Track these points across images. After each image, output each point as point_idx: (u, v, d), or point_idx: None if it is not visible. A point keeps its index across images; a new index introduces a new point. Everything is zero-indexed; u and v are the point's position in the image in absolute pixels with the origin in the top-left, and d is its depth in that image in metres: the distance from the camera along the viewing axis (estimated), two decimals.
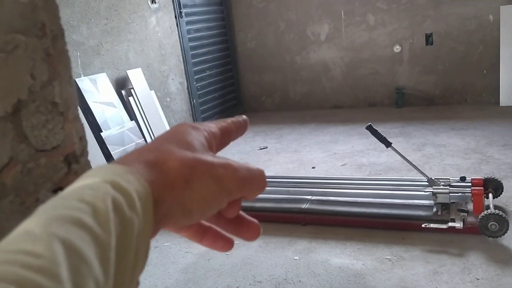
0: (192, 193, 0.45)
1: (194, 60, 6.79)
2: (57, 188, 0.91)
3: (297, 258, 3.27)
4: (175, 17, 6.44)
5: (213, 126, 0.52)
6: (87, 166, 0.99)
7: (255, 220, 0.55)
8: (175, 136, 0.48)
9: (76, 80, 4.77)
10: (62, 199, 0.39)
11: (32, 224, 0.36)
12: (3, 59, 0.79)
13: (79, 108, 0.96)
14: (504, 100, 6.25)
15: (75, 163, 0.95)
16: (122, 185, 0.40)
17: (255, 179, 0.49)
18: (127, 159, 0.45)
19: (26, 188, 0.84)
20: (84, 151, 0.98)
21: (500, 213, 3.13)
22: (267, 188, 0.52)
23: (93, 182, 0.40)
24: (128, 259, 0.39)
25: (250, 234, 0.55)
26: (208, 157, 0.47)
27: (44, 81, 0.86)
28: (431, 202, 3.51)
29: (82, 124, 0.97)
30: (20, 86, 0.82)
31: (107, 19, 5.34)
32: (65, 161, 0.93)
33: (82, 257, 0.34)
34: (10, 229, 0.81)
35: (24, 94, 0.83)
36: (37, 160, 0.86)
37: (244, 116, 0.57)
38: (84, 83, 4.90)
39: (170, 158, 0.45)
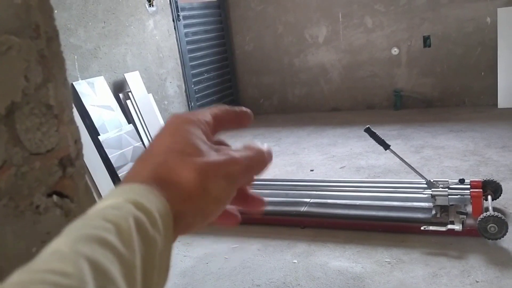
0: (209, 198, 0.46)
1: (192, 63, 6.78)
2: (52, 192, 0.89)
3: (296, 261, 3.25)
4: (173, 20, 6.44)
5: (207, 114, 0.52)
6: (82, 169, 0.98)
7: (257, 195, 0.56)
8: (178, 140, 0.48)
9: (74, 83, 4.75)
10: (88, 219, 0.40)
11: (60, 243, 0.37)
12: None
13: (76, 111, 0.95)
14: (502, 102, 6.25)
15: (70, 167, 0.94)
16: (144, 204, 0.41)
17: (257, 163, 0.51)
18: (141, 174, 0.45)
19: (20, 191, 0.83)
20: (79, 154, 0.97)
21: (499, 215, 3.12)
22: (266, 191, 0.52)
23: (116, 202, 0.41)
24: (152, 278, 0.40)
25: (255, 206, 0.56)
26: (214, 156, 0.48)
27: (38, 83, 0.85)
28: (430, 204, 3.51)
29: (77, 127, 0.96)
30: (14, 88, 0.81)
31: (104, 22, 5.33)
32: (60, 164, 0.92)
33: (108, 276, 0.35)
34: (4, 233, 0.80)
35: (18, 96, 0.82)
36: (31, 164, 0.85)
37: (244, 108, 0.57)
38: (81, 86, 4.89)
39: (184, 169, 0.45)
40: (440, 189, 3.47)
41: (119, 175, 4.90)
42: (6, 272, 0.81)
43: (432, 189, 3.48)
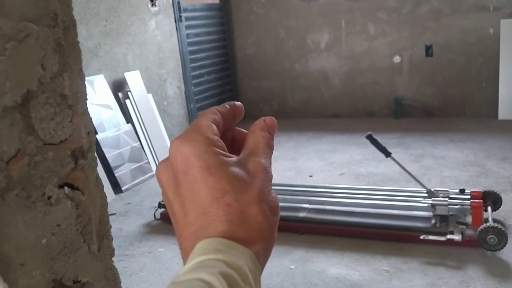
0: (274, 217, 0.48)
1: (193, 65, 6.76)
2: (64, 184, 0.88)
3: (293, 267, 3.24)
4: (175, 21, 6.42)
5: (210, 125, 0.50)
6: (93, 162, 0.97)
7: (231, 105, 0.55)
8: (219, 178, 0.46)
9: None
10: (182, 280, 0.41)
11: None
12: (14, 47, 0.77)
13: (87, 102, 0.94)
14: (502, 114, 6.25)
15: (82, 158, 0.92)
16: (234, 261, 0.42)
17: (271, 149, 0.52)
18: (213, 226, 0.45)
19: (33, 181, 0.81)
20: (92, 147, 0.95)
21: (499, 226, 3.11)
22: None
23: (206, 259, 0.42)
24: None
25: (238, 114, 0.56)
26: (254, 178, 0.48)
27: (54, 72, 0.84)
28: (429, 213, 3.50)
29: (90, 119, 0.95)
30: (30, 76, 0.80)
31: (106, 20, 5.32)
32: (72, 156, 0.90)
33: None
34: (15, 224, 0.78)
35: (34, 85, 0.80)
36: (45, 154, 0.83)
37: (233, 102, 0.56)
38: None
39: (249, 209, 0.46)
40: (440, 198, 3.46)
41: (116, 175, 4.88)
42: (15, 262, 0.80)
43: (432, 199, 3.47)
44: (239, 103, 0.56)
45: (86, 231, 0.91)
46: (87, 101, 0.92)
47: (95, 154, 0.98)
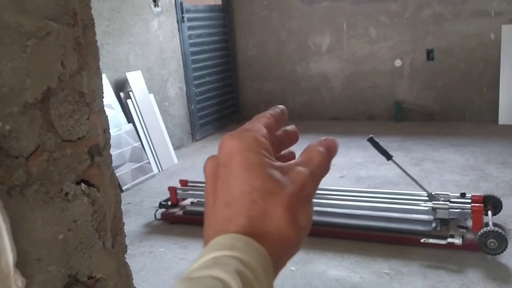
0: (302, 230, 0.47)
1: (194, 66, 6.77)
2: (80, 180, 0.89)
3: (293, 268, 3.24)
4: (177, 21, 6.43)
5: (261, 127, 0.51)
6: (109, 159, 0.98)
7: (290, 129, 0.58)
8: (254, 175, 0.47)
9: None
10: (197, 277, 0.41)
11: None
12: (35, 45, 0.78)
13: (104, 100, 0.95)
14: (502, 119, 6.27)
15: (98, 156, 0.94)
16: (250, 261, 0.42)
17: (322, 169, 0.50)
18: (234, 222, 0.45)
19: (51, 177, 0.82)
20: (107, 144, 0.96)
21: (499, 230, 3.13)
22: None
23: (222, 255, 0.42)
24: None
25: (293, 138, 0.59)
26: (289, 183, 0.47)
27: (73, 70, 0.85)
28: (430, 217, 3.51)
29: (106, 117, 0.96)
30: (51, 74, 0.81)
31: (109, 20, 5.33)
32: (89, 153, 0.91)
33: None
34: (33, 219, 0.79)
35: (54, 82, 0.82)
36: (63, 150, 0.84)
37: (279, 107, 0.58)
38: None
39: (274, 211, 0.46)
40: (441, 202, 3.47)
41: (116, 174, 4.88)
42: (32, 257, 0.81)
43: (433, 202, 3.48)
44: (283, 107, 0.57)
45: (101, 227, 0.92)
46: (103, 99, 0.94)
47: (110, 152, 0.99)
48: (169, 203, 4.20)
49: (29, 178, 0.78)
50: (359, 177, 4.82)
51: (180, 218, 4.06)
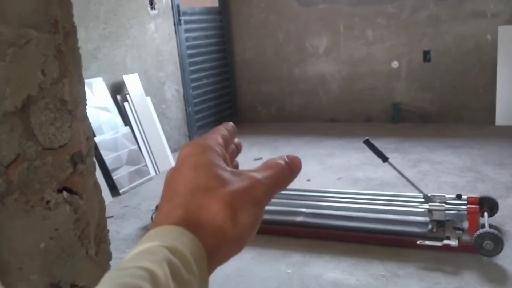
0: (240, 227, 0.47)
1: (191, 68, 6.76)
2: (62, 188, 0.88)
3: (290, 271, 3.24)
4: (174, 24, 6.43)
5: (217, 137, 0.53)
6: (92, 166, 0.97)
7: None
8: (201, 174, 0.48)
9: None
10: (124, 267, 0.41)
11: None
12: (15, 53, 0.77)
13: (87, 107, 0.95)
14: (499, 120, 6.27)
15: (81, 163, 0.93)
16: (178, 249, 0.42)
17: (280, 180, 0.51)
18: (171, 215, 0.46)
19: (32, 186, 0.82)
20: (91, 151, 0.96)
21: (496, 232, 3.12)
22: None
23: (150, 247, 0.43)
24: None
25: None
26: (237, 182, 0.48)
27: (54, 78, 0.84)
28: (426, 219, 3.50)
29: (90, 124, 0.95)
30: (31, 82, 0.81)
31: (106, 23, 5.32)
32: (71, 160, 0.91)
33: None
34: (14, 228, 0.79)
35: (34, 90, 0.81)
36: (44, 158, 0.84)
37: (229, 123, 0.59)
38: None
39: (212, 205, 0.46)
40: (437, 204, 3.47)
41: (113, 177, 4.88)
42: (14, 266, 0.80)
43: (429, 204, 3.47)
44: (230, 123, 0.58)
45: (84, 235, 0.91)
46: (86, 106, 0.93)
47: (94, 159, 0.98)
48: None
49: (9, 187, 0.77)
50: (356, 179, 4.82)
51: None
